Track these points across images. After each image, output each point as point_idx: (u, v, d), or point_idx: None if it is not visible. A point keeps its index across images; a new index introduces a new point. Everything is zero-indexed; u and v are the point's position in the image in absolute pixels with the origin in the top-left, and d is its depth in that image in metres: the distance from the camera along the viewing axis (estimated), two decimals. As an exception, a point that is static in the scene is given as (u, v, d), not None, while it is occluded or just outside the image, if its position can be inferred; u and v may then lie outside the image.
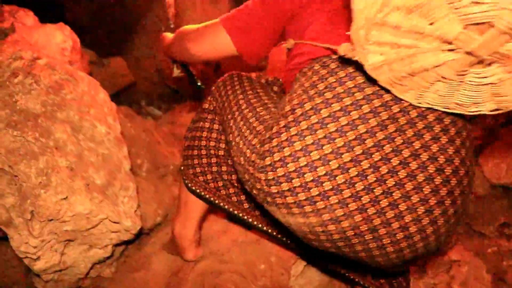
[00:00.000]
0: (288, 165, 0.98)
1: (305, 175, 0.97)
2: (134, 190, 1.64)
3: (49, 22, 1.96)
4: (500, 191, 1.98)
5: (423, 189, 0.97)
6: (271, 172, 1.01)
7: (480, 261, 1.70)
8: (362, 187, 0.96)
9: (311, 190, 0.97)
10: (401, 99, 0.97)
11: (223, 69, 2.79)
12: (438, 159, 0.98)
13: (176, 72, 1.75)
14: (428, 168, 0.97)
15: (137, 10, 3.29)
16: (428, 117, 0.99)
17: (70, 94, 1.59)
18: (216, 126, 1.43)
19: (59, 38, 1.88)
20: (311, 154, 0.97)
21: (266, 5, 1.25)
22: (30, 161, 1.41)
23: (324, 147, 0.96)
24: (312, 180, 0.97)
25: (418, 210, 0.97)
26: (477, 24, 0.73)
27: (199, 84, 1.73)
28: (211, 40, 1.35)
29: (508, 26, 0.71)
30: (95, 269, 1.71)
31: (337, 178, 0.96)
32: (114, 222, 1.53)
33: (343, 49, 0.90)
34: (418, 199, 0.97)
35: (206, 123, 1.45)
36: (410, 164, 0.96)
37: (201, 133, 1.45)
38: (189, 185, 1.49)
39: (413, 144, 0.97)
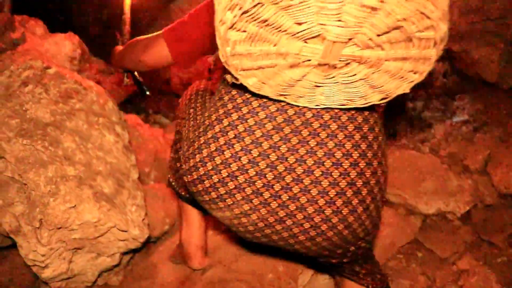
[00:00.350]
0: (199, 169, 1.14)
1: (213, 177, 1.12)
2: (142, 198, 1.64)
3: (58, 31, 1.98)
4: (509, 200, 1.96)
5: (321, 182, 1.06)
6: (189, 176, 1.17)
7: (489, 271, 1.69)
8: (262, 184, 1.08)
9: (219, 189, 1.12)
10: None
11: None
12: (335, 154, 1.07)
13: (126, 81, 1.87)
14: (325, 163, 1.06)
15: (145, 19, 3.32)
16: (324, 116, 1.07)
17: (79, 103, 1.60)
18: None
19: (68, 47, 1.90)
20: (215, 159, 1.11)
21: (199, 17, 1.37)
22: (39, 170, 1.42)
23: (225, 152, 1.10)
24: (219, 181, 1.11)
25: (318, 202, 1.07)
26: (316, 36, 0.83)
27: (145, 90, 1.86)
28: (155, 49, 1.47)
29: (336, 36, 0.82)
30: (103, 277, 1.71)
31: (238, 178, 1.09)
32: (122, 231, 1.53)
33: (228, 78, 1.00)
34: (317, 191, 1.06)
35: (177, 127, 1.54)
36: (307, 161, 1.06)
37: (175, 137, 1.55)
38: (179, 190, 1.54)
39: (309, 142, 1.07)
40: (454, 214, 1.93)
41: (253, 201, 1.09)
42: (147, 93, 1.87)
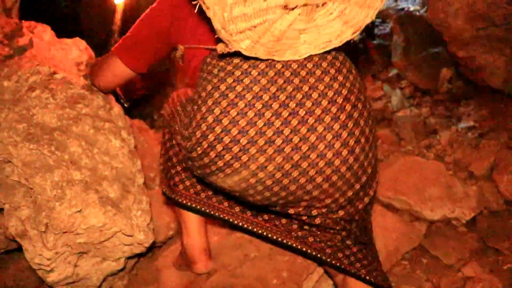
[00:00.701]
0: (208, 137, 1.19)
1: (224, 139, 1.17)
2: (147, 203, 1.65)
3: (65, 36, 1.99)
4: (515, 207, 1.96)
5: (324, 119, 1.18)
6: (199, 148, 1.21)
7: (495, 278, 1.67)
8: (272, 132, 1.15)
9: (232, 149, 1.17)
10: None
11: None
12: (328, 94, 1.19)
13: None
14: (322, 102, 1.18)
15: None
16: (307, 65, 1.21)
17: (86, 108, 1.61)
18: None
19: (75, 53, 1.91)
20: (222, 121, 1.17)
21: (143, 25, 1.47)
22: (45, 174, 1.43)
23: (230, 112, 1.17)
24: (231, 141, 1.17)
25: (326, 136, 1.17)
26: None
27: (123, 103, 1.92)
28: (110, 69, 1.56)
29: None
30: (108, 281, 1.71)
31: (249, 132, 1.16)
32: (127, 235, 1.54)
33: (219, 48, 1.11)
34: (323, 128, 1.17)
35: (166, 135, 1.60)
36: (306, 104, 1.17)
37: (166, 145, 1.60)
38: (172, 196, 1.57)
39: (302, 88, 1.19)
40: (460, 220, 1.92)
41: (267, 151, 1.16)
42: (125, 105, 1.90)
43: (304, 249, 1.44)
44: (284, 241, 1.47)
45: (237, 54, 1.14)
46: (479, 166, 2.12)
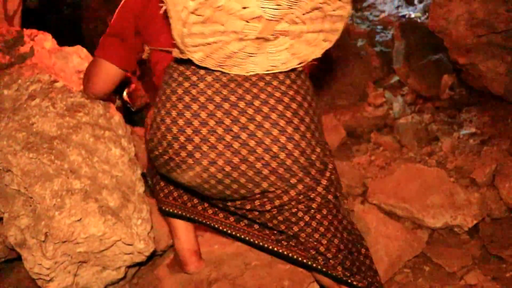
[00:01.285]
0: (167, 137, 1.29)
1: (180, 138, 1.27)
2: (147, 212, 1.64)
3: (67, 44, 2.00)
4: (517, 214, 1.95)
5: (271, 116, 1.29)
6: (160, 147, 1.31)
7: (498, 286, 1.66)
8: (222, 130, 1.27)
9: (187, 147, 1.27)
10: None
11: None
12: (269, 101, 1.30)
13: (118, 102, 1.92)
14: (263, 108, 1.29)
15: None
16: (252, 78, 1.32)
17: (86, 116, 1.61)
18: None
19: (76, 60, 1.92)
20: (178, 122, 1.28)
21: (117, 21, 1.50)
22: (45, 183, 1.43)
23: (185, 114, 1.28)
24: (186, 140, 1.27)
25: (272, 132, 1.28)
26: (256, 17, 1.10)
27: (130, 108, 1.94)
28: (99, 72, 1.55)
29: (271, 16, 1.10)
30: (108, 290, 1.71)
31: (201, 131, 1.27)
32: (128, 244, 1.53)
33: (175, 53, 1.21)
34: (270, 125, 1.28)
35: None
36: (254, 103, 1.29)
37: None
38: (162, 207, 1.64)
39: (245, 97, 1.30)
40: (462, 228, 1.91)
41: (218, 147, 1.27)
42: (133, 109, 1.91)
43: (284, 252, 1.50)
44: (265, 245, 1.52)
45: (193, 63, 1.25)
46: (481, 173, 2.11)
